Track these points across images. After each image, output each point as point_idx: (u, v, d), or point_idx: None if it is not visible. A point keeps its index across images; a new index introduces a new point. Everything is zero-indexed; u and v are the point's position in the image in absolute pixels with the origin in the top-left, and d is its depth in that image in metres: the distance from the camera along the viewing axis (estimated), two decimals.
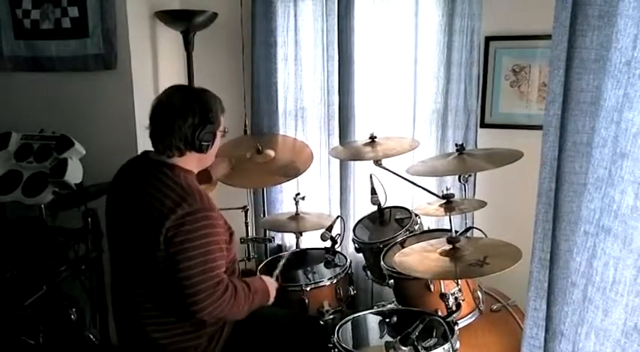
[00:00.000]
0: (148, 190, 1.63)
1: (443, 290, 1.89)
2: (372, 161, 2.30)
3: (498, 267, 1.66)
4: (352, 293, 2.32)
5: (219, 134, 1.75)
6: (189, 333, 1.69)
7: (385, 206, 2.44)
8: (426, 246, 1.93)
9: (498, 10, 2.47)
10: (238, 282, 1.72)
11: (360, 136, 2.68)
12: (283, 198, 2.93)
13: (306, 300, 2.14)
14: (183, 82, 2.79)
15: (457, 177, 2.27)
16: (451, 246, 1.82)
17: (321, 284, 2.19)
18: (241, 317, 1.74)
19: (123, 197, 1.73)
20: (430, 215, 2.19)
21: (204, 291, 1.57)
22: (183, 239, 1.55)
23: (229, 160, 2.40)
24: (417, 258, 1.86)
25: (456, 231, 1.93)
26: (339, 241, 2.42)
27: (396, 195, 2.49)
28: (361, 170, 2.71)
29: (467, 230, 2.32)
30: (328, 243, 2.41)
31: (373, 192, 2.37)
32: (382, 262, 2.11)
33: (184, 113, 1.63)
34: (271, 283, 1.88)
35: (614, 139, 0.90)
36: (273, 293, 1.86)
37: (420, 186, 2.28)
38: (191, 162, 1.71)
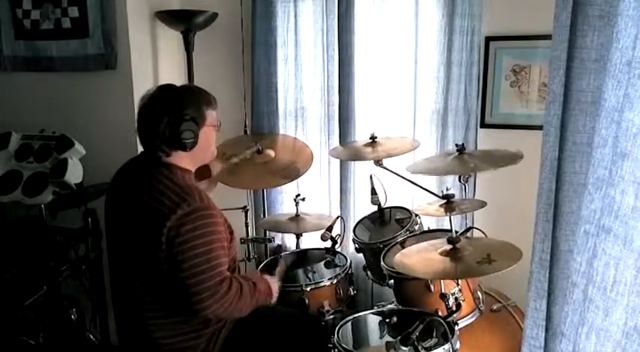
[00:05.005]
0: (147, 190, 1.63)
1: (443, 291, 1.89)
2: (372, 161, 2.30)
3: (504, 265, 1.66)
4: (352, 293, 2.32)
5: (206, 129, 1.71)
6: (189, 333, 1.69)
7: (385, 206, 2.44)
8: (426, 246, 1.93)
9: (498, 10, 2.47)
10: (244, 280, 1.72)
11: (360, 136, 2.68)
12: (283, 199, 2.93)
13: (307, 300, 2.14)
14: (184, 82, 2.79)
15: (457, 177, 2.27)
16: (451, 246, 1.82)
17: (322, 284, 2.19)
18: (244, 315, 1.74)
19: (122, 197, 1.73)
20: (430, 215, 2.19)
21: (209, 290, 1.58)
22: (184, 239, 1.55)
23: (223, 156, 2.38)
24: (417, 258, 1.86)
25: (456, 231, 1.93)
26: (339, 241, 2.42)
27: (396, 195, 2.49)
28: (361, 170, 2.70)
29: (467, 230, 2.32)
30: (328, 243, 2.41)
31: (373, 192, 2.37)
32: (382, 262, 2.11)
33: (159, 114, 1.64)
34: (273, 282, 1.88)
35: (614, 139, 0.90)
36: (275, 294, 1.86)
37: (420, 186, 2.28)
38: (184, 161, 1.71)
